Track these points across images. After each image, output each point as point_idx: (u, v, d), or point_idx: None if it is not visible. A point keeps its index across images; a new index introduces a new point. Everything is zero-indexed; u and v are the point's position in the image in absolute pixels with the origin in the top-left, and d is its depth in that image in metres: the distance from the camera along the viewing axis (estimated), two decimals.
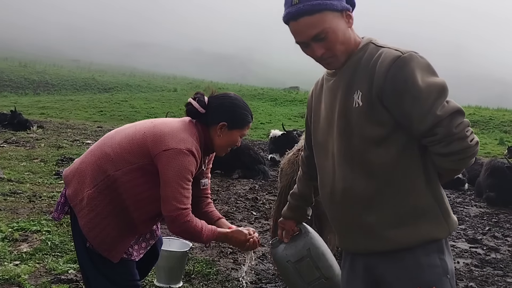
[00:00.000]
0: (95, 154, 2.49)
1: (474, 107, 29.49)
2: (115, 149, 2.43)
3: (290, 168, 3.87)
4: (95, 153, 2.49)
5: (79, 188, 2.47)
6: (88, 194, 2.41)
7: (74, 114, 21.66)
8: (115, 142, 2.47)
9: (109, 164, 2.40)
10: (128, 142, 2.43)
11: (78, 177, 2.49)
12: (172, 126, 2.49)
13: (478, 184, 9.30)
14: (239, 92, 32.94)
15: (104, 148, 2.48)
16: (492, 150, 16.79)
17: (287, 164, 3.96)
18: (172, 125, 2.51)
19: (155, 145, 2.37)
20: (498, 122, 23.04)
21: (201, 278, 4.47)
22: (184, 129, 2.50)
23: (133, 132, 2.49)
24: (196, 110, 2.62)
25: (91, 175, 2.43)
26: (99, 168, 2.41)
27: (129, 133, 2.49)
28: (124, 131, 2.57)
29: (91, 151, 2.55)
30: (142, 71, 54.66)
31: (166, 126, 2.48)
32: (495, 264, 5.43)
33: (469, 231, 6.82)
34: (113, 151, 2.43)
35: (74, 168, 2.57)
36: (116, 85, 36.66)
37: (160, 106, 25.18)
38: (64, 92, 33.55)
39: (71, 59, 60.08)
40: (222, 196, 7.98)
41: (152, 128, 2.46)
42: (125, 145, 2.43)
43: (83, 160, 2.55)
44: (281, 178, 4.01)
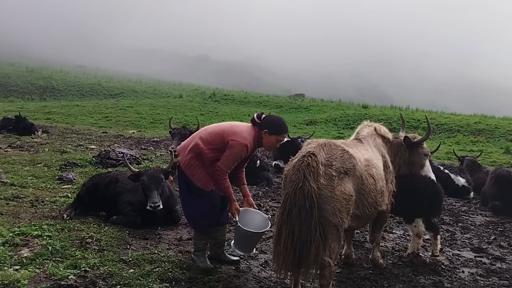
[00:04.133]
0: (194, 137, 4.74)
1: (480, 115, 29.32)
2: (206, 135, 4.64)
3: (295, 175, 3.83)
4: (194, 137, 4.73)
5: (184, 155, 4.66)
6: (189, 157, 4.61)
7: (80, 119, 21.71)
8: (206, 132, 4.68)
9: (201, 142, 4.58)
10: (214, 133, 4.62)
11: (184, 149, 4.72)
12: (241, 128, 4.60)
13: (484, 192, 9.20)
14: (244, 99, 33.00)
15: (200, 134, 4.70)
16: (497, 159, 16.63)
17: (291, 171, 3.92)
18: (241, 127, 4.62)
19: (229, 136, 4.50)
20: (504, 131, 22.85)
21: (202, 285, 4.43)
22: (247, 131, 4.58)
23: (217, 127, 4.69)
24: (255, 120, 4.66)
25: (191, 148, 4.64)
26: (195, 144, 4.61)
27: (215, 128, 4.70)
28: (213, 126, 4.78)
29: (192, 136, 4.83)
30: (148, 77, 54.81)
31: (238, 127, 4.61)
32: (500, 274, 5.35)
33: (474, 240, 6.74)
34: (205, 136, 4.63)
35: (182, 145, 4.83)
36: (122, 91, 36.79)
37: (165, 112, 25.20)
38: (70, 97, 33.70)
39: (78, 65, 60.30)
40: (226, 201, 7.91)
41: (229, 127, 4.63)
42: (212, 134, 4.62)
43: (187, 140, 4.81)
44: (285, 185, 3.97)
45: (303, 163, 3.84)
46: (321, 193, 3.77)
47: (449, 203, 9.16)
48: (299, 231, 3.70)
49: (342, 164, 4.00)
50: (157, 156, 11.83)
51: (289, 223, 3.75)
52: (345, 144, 4.45)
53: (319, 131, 21.73)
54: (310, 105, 31.55)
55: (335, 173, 3.90)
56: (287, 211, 3.79)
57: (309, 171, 3.77)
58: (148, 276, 4.45)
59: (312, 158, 3.84)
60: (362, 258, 5.60)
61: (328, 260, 3.83)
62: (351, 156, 4.13)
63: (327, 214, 3.79)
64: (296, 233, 3.71)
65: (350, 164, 4.05)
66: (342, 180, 3.94)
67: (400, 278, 5.00)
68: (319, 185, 3.77)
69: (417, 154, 5.36)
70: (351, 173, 4.05)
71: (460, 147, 19.24)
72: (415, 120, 24.10)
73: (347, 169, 4.01)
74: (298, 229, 3.70)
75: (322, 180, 3.80)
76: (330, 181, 3.85)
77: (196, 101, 30.95)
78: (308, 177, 3.74)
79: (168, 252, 5.25)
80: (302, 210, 3.69)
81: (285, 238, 3.77)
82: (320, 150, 3.99)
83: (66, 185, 7.99)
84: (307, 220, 3.68)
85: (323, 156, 3.94)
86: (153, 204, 5.69)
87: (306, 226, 3.68)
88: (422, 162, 5.43)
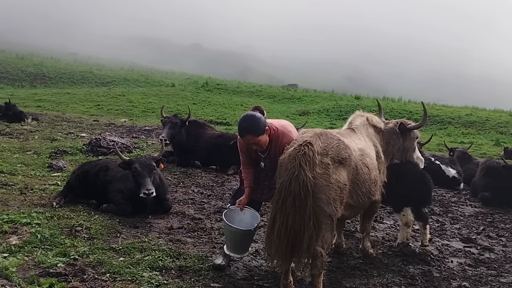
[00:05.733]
0: None
1: (471, 107, 29.47)
2: None
3: (290, 164, 3.79)
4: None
5: None
6: None
7: (70, 107, 21.48)
8: None
9: None
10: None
11: None
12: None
13: (474, 184, 9.27)
14: (237, 88, 32.89)
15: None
16: (488, 150, 16.75)
17: (287, 159, 3.87)
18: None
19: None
20: (494, 123, 23.00)
21: (193, 274, 4.43)
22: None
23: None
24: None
25: None
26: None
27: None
28: None
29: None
30: (140, 65, 54.41)
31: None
32: (489, 264, 5.40)
33: (463, 230, 6.79)
34: None
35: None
36: (114, 79, 36.47)
37: (157, 101, 25.02)
38: (61, 85, 33.34)
39: (69, 52, 59.70)
40: (217, 191, 7.92)
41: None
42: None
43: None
44: (281, 173, 3.92)
45: (299, 152, 3.80)
46: (317, 182, 3.75)
47: (439, 194, 9.21)
48: (293, 220, 3.68)
49: (338, 153, 3.98)
50: (148, 144, 11.78)
51: (284, 212, 3.73)
52: (340, 134, 4.43)
53: (311, 121, 21.72)
54: (303, 96, 31.50)
55: (331, 162, 3.88)
56: (281, 199, 3.77)
57: (305, 160, 3.74)
58: (138, 264, 4.43)
59: (308, 147, 3.81)
60: (352, 247, 5.62)
61: (320, 250, 3.82)
62: (347, 146, 4.12)
63: (321, 204, 3.77)
64: (290, 222, 3.69)
65: (345, 154, 4.04)
66: (337, 169, 3.92)
67: (390, 267, 5.03)
68: (315, 174, 3.75)
69: (410, 139, 5.37)
70: (347, 163, 4.04)
71: (451, 139, 19.35)
72: (407, 112, 24.17)
73: (343, 158, 4.00)
74: (292, 218, 3.68)
75: (318, 169, 3.78)
76: (326, 170, 3.82)
77: (188, 90, 30.77)
78: (304, 166, 3.71)
79: (159, 240, 5.23)
80: (297, 199, 3.67)
81: (279, 227, 3.75)
82: (317, 140, 3.97)
83: (56, 173, 7.93)
84: (302, 209, 3.66)
85: (319, 145, 3.91)
86: (147, 191, 5.67)
87: (300, 215, 3.67)
88: (414, 146, 5.45)
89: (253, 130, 4.21)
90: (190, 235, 5.59)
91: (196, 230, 5.76)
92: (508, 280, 4.95)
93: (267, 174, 4.55)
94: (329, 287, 4.37)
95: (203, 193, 7.71)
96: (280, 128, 4.43)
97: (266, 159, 4.50)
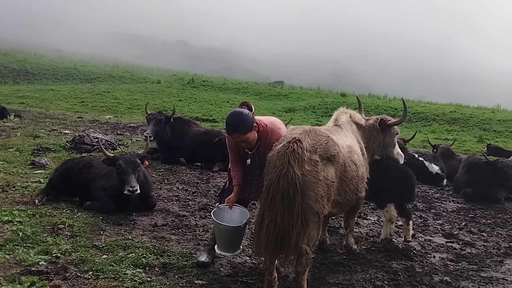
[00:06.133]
0: None
1: (455, 104, 29.81)
2: None
3: (279, 161, 3.78)
4: None
5: None
6: None
7: (54, 104, 21.22)
8: None
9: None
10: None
11: None
12: None
13: (456, 180, 9.39)
14: (223, 85, 32.80)
15: None
16: (471, 147, 16.97)
17: (276, 156, 3.85)
18: None
19: None
20: (478, 120, 23.30)
21: (177, 271, 4.42)
22: None
23: None
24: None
25: None
26: None
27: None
28: None
29: None
30: (125, 62, 53.88)
31: None
32: (470, 259, 5.48)
33: (446, 226, 6.88)
34: None
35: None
36: (99, 75, 36.07)
37: (143, 97, 24.84)
38: (45, 81, 32.91)
39: (53, 48, 58.89)
40: (202, 188, 7.91)
41: None
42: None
43: None
44: (269, 170, 3.89)
45: (288, 149, 3.78)
46: (305, 179, 3.74)
47: (422, 190, 9.31)
48: (281, 218, 3.67)
49: (327, 150, 3.98)
50: (133, 141, 11.70)
51: (272, 209, 3.71)
52: (329, 131, 4.43)
53: (297, 118, 21.77)
54: (289, 93, 31.56)
55: (320, 159, 3.87)
56: (270, 197, 3.75)
57: (294, 157, 3.73)
58: (121, 262, 4.41)
59: (297, 144, 3.80)
60: (336, 244, 5.65)
61: (306, 247, 3.82)
62: (335, 143, 4.13)
63: (310, 201, 3.77)
64: (278, 220, 3.68)
65: (334, 151, 4.04)
66: (325, 166, 3.92)
67: (373, 263, 5.07)
68: (304, 172, 3.74)
69: (390, 135, 5.41)
70: (335, 160, 4.04)
71: (435, 136, 19.57)
72: (392, 109, 24.37)
73: (331, 155, 4.00)
74: (281, 215, 3.67)
75: (307, 166, 3.77)
76: (314, 167, 3.81)
77: (174, 87, 30.62)
78: (292, 163, 3.70)
79: (143, 238, 5.21)
80: (285, 196, 3.66)
81: (268, 225, 3.73)
82: (306, 137, 3.96)
83: (38, 170, 7.84)
84: (290, 207, 3.66)
85: (308, 142, 3.90)
86: (131, 188, 5.64)
87: (288, 213, 3.66)
88: (394, 141, 5.49)
89: (241, 128, 4.14)
90: (174, 232, 5.58)
91: (181, 227, 5.74)
92: (489, 274, 5.03)
93: (255, 172, 4.51)
94: (313, 283, 4.39)
95: (188, 190, 7.69)
96: (269, 124, 4.36)
97: (254, 156, 4.44)
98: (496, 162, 8.60)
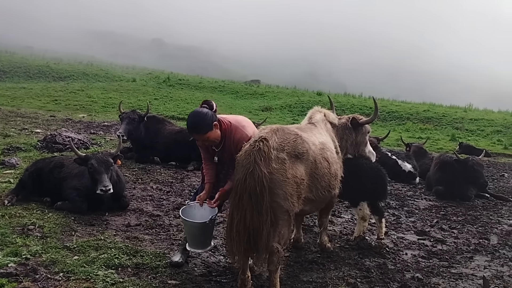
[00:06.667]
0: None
1: (428, 104, 30.36)
2: None
3: (246, 160, 3.79)
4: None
5: None
6: None
7: (26, 102, 20.75)
8: None
9: None
10: None
11: None
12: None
13: (428, 178, 9.55)
14: (200, 83, 32.62)
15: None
16: (444, 146, 17.32)
17: (243, 156, 3.87)
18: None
19: None
20: (450, 119, 23.78)
21: (150, 271, 4.37)
22: None
23: None
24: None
25: None
26: None
27: None
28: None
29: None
30: (99, 60, 53.01)
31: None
32: (441, 256, 5.58)
33: (418, 223, 6.99)
34: None
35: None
36: (72, 73, 35.38)
37: (118, 96, 24.51)
38: (16, 79, 32.14)
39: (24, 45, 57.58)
40: (176, 188, 7.85)
41: None
42: None
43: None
44: (237, 170, 3.91)
45: (254, 147, 3.80)
46: (273, 177, 3.75)
47: (395, 188, 9.45)
48: (251, 217, 3.68)
49: (295, 148, 4.00)
50: (106, 141, 11.54)
51: (241, 208, 3.72)
52: (299, 129, 4.45)
53: (274, 117, 21.83)
54: (266, 92, 31.60)
55: (287, 157, 3.89)
56: (238, 196, 3.75)
57: (260, 155, 3.74)
58: (93, 262, 4.34)
59: (263, 143, 3.82)
60: (310, 242, 5.69)
61: (277, 246, 3.83)
62: (304, 141, 4.14)
63: (278, 199, 3.78)
64: (248, 219, 3.69)
65: (303, 149, 4.06)
66: (294, 164, 3.93)
67: (346, 261, 5.12)
68: (271, 170, 3.75)
69: (362, 134, 5.48)
70: (304, 157, 4.06)
71: (409, 134, 19.89)
72: (367, 108, 24.64)
73: (299, 153, 4.02)
74: (250, 214, 3.68)
75: (274, 164, 3.78)
76: (282, 165, 3.83)
77: (150, 85, 30.31)
78: (259, 162, 3.71)
79: (115, 238, 5.14)
80: (253, 195, 3.67)
81: (237, 224, 3.74)
82: (272, 135, 3.97)
83: (8, 170, 7.66)
84: (258, 205, 3.66)
85: (275, 141, 3.91)
86: (104, 188, 5.56)
87: (257, 211, 3.67)
88: (366, 140, 5.56)
89: (199, 128, 4.12)
90: (148, 232, 5.53)
91: (154, 227, 5.70)
92: (459, 270, 5.13)
93: (228, 171, 4.50)
94: (287, 281, 4.41)
95: (162, 190, 7.62)
96: (234, 122, 4.35)
97: (222, 153, 4.43)
98: (467, 160, 8.78)
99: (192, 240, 4.45)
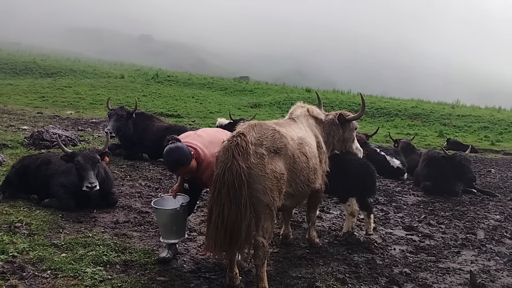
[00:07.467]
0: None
1: (416, 100, 30.60)
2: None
3: (224, 155, 3.82)
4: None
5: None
6: None
7: (13, 99, 20.52)
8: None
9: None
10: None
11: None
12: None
13: (416, 174, 9.62)
14: (188, 80, 32.50)
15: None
16: (432, 142, 17.47)
17: (222, 152, 3.90)
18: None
19: None
20: (438, 115, 23.98)
21: (138, 268, 4.35)
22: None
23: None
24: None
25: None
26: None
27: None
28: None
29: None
30: (87, 56, 52.65)
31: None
32: (428, 251, 5.63)
33: (406, 219, 7.04)
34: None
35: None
36: (60, 70, 35.05)
37: (106, 92, 24.35)
38: (3, 76, 31.76)
39: (11, 41, 56.93)
40: (165, 184, 7.82)
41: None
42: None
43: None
44: (216, 165, 3.94)
45: (232, 143, 3.83)
46: (251, 172, 3.78)
47: (384, 184, 9.51)
48: (228, 211, 3.69)
49: (273, 143, 4.02)
50: (94, 137, 11.46)
51: (219, 203, 3.74)
52: (277, 124, 4.46)
53: (263, 114, 21.84)
54: (255, 88, 31.60)
55: (266, 152, 3.91)
56: (216, 191, 3.77)
57: (238, 150, 3.76)
58: (81, 260, 4.31)
59: (241, 138, 3.84)
60: (299, 238, 5.70)
61: (261, 240, 3.85)
62: (282, 136, 4.16)
63: (258, 194, 3.80)
64: (226, 213, 3.70)
65: (281, 143, 4.08)
66: (272, 159, 3.95)
67: (335, 256, 5.14)
68: (249, 164, 3.77)
69: (349, 130, 5.50)
70: (282, 152, 4.08)
71: (398, 131, 20.03)
72: (356, 104, 24.75)
73: (278, 148, 4.04)
74: (228, 209, 3.70)
75: (252, 159, 3.81)
76: (261, 160, 3.85)
77: (138, 82, 30.15)
78: (237, 157, 3.73)
79: (103, 235, 5.10)
80: (231, 189, 3.69)
81: (216, 219, 3.76)
82: (250, 130, 4.00)
83: None
84: (237, 199, 3.68)
85: (253, 136, 3.94)
86: (90, 185, 5.52)
87: (235, 206, 3.68)
88: (353, 136, 5.59)
89: (183, 160, 4.18)
90: (137, 229, 5.50)
91: (143, 224, 5.67)
92: (446, 265, 5.17)
93: None
94: (276, 277, 4.41)
95: (151, 186, 7.59)
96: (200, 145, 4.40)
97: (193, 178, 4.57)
98: (454, 156, 8.85)
99: (165, 230, 4.54)
